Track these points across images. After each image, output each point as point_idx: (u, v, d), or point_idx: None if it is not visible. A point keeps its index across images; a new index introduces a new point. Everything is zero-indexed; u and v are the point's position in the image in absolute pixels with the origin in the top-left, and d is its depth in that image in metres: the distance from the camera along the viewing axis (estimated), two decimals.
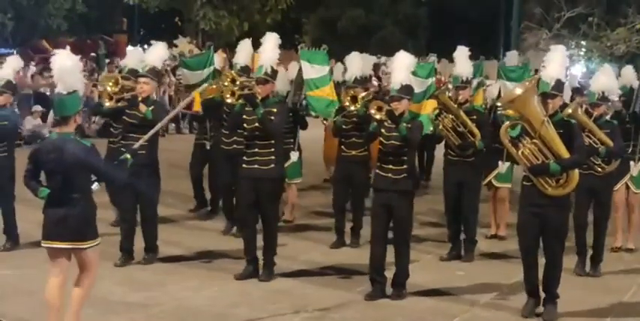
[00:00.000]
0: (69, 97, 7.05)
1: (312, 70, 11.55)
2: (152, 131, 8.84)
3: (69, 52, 7.27)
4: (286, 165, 11.58)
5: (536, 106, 8.02)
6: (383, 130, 8.75)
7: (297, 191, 12.63)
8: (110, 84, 9.98)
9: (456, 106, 10.52)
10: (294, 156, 12.00)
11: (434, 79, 11.36)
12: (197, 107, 12.03)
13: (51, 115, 20.87)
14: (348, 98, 10.22)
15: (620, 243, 11.20)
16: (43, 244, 7.16)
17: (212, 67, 11.91)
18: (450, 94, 10.75)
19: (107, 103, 9.83)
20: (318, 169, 15.67)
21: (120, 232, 9.89)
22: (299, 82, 11.88)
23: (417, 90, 10.81)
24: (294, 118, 11.88)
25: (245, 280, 9.26)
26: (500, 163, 11.37)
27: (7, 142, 10.35)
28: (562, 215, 8.24)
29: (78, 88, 7.10)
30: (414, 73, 10.89)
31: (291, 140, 11.94)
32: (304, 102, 12.67)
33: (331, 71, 12.41)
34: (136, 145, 8.45)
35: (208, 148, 12.38)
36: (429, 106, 11.18)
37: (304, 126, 12.17)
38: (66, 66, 7.08)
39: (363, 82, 11.49)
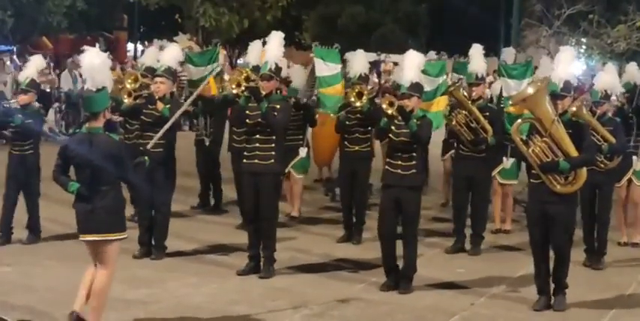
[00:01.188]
0: (98, 94, 7.21)
1: (326, 68, 11.63)
2: (164, 129, 8.94)
3: (97, 50, 7.42)
4: (295, 161, 11.93)
5: (547, 106, 8.18)
6: (392, 127, 8.87)
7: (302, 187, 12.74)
8: (129, 81, 10.13)
9: (469, 102, 10.64)
10: (302, 152, 12.10)
11: (445, 77, 11.43)
12: (214, 91, 12.11)
13: (51, 112, 20.93)
14: (354, 94, 10.43)
15: (626, 238, 11.33)
16: (80, 238, 7.26)
17: (216, 64, 12.02)
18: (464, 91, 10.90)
19: (126, 100, 10.00)
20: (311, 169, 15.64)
21: (138, 228, 10.01)
22: (311, 79, 11.95)
23: (427, 88, 10.97)
24: (305, 115, 11.95)
25: (246, 275, 9.27)
26: (504, 158, 11.48)
27: (33, 139, 10.55)
28: (570, 211, 8.40)
29: (106, 84, 7.27)
30: (423, 72, 11.01)
31: (301, 137, 12.06)
32: (314, 98, 12.71)
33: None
34: (149, 145, 8.59)
35: (207, 144, 12.47)
36: (442, 103, 11.27)
37: (313, 123, 12.22)
38: (94, 63, 7.24)
39: (364, 79, 11.56)
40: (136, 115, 10.19)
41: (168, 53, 10.47)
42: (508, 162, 11.52)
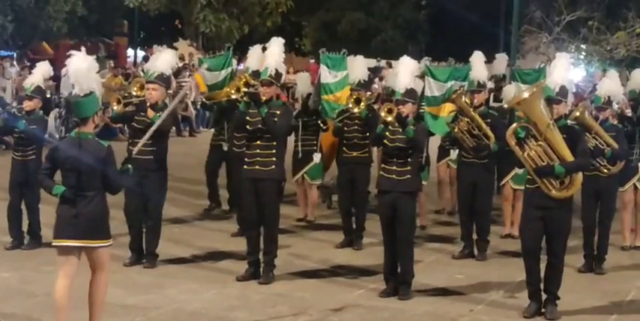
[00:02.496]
0: (86, 99, 7.11)
1: (330, 75, 11.65)
2: (147, 134, 8.89)
3: (84, 54, 7.31)
4: (309, 166, 12.19)
5: (542, 109, 8.20)
6: (387, 133, 8.86)
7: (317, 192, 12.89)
8: (135, 88, 10.06)
9: (471, 109, 10.65)
10: (316, 158, 12.18)
11: (453, 82, 11.44)
12: (202, 89, 12.14)
13: (51, 117, 20.88)
14: (352, 100, 10.46)
15: (629, 242, 11.40)
16: (53, 243, 7.16)
17: (230, 69, 12.06)
18: (465, 98, 10.90)
19: (115, 108, 9.91)
20: None
21: (129, 234, 9.94)
22: (319, 86, 12.00)
23: (436, 93, 10.98)
24: (318, 121, 11.98)
25: (246, 281, 9.26)
26: None
27: (36, 145, 10.55)
28: (566, 217, 8.38)
29: (94, 88, 7.17)
30: (434, 77, 11.04)
31: (314, 142, 12.16)
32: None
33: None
34: (134, 151, 8.55)
35: (225, 149, 12.43)
36: (446, 109, 11.28)
37: (326, 128, 12.25)
38: (81, 68, 7.14)
39: (366, 85, 11.56)
40: (127, 122, 10.09)
41: (162, 59, 10.25)
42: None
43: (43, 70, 10.92)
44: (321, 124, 12.02)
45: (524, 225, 8.58)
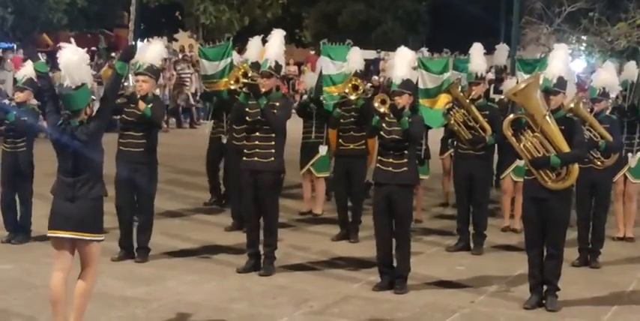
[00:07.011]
0: (77, 92, 6.94)
1: (332, 66, 11.58)
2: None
3: (75, 46, 7.20)
4: (315, 159, 12.15)
5: (538, 100, 8.19)
6: (384, 124, 8.79)
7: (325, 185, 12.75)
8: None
9: (468, 100, 10.62)
10: (322, 150, 12.15)
11: (449, 73, 11.38)
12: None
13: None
14: (350, 86, 10.38)
15: (622, 233, 11.42)
16: (48, 234, 7.07)
17: (229, 59, 11.97)
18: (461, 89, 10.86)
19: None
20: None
21: (119, 230, 9.84)
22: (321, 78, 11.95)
23: (430, 85, 10.90)
24: (325, 113, 11.95)
25: (246, 273, 9.26)
26: None
27: (27, 137, 10.47)
28: (563, 207, 8.36)
29: (86, 81, 7.01)
30: (427, 69, 10.97)
31: (321, 135, 12.13)
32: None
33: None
34: None
35: (224, 141, 12.30)
36: (442, 101, 11.23)
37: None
38: (72, 60, 6.97)
39: (360, 76, 11.54)
40: (118, 114, 10.00)
41: (152, 50, 10.05)
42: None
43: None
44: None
45: (524, 216, 8.63)
